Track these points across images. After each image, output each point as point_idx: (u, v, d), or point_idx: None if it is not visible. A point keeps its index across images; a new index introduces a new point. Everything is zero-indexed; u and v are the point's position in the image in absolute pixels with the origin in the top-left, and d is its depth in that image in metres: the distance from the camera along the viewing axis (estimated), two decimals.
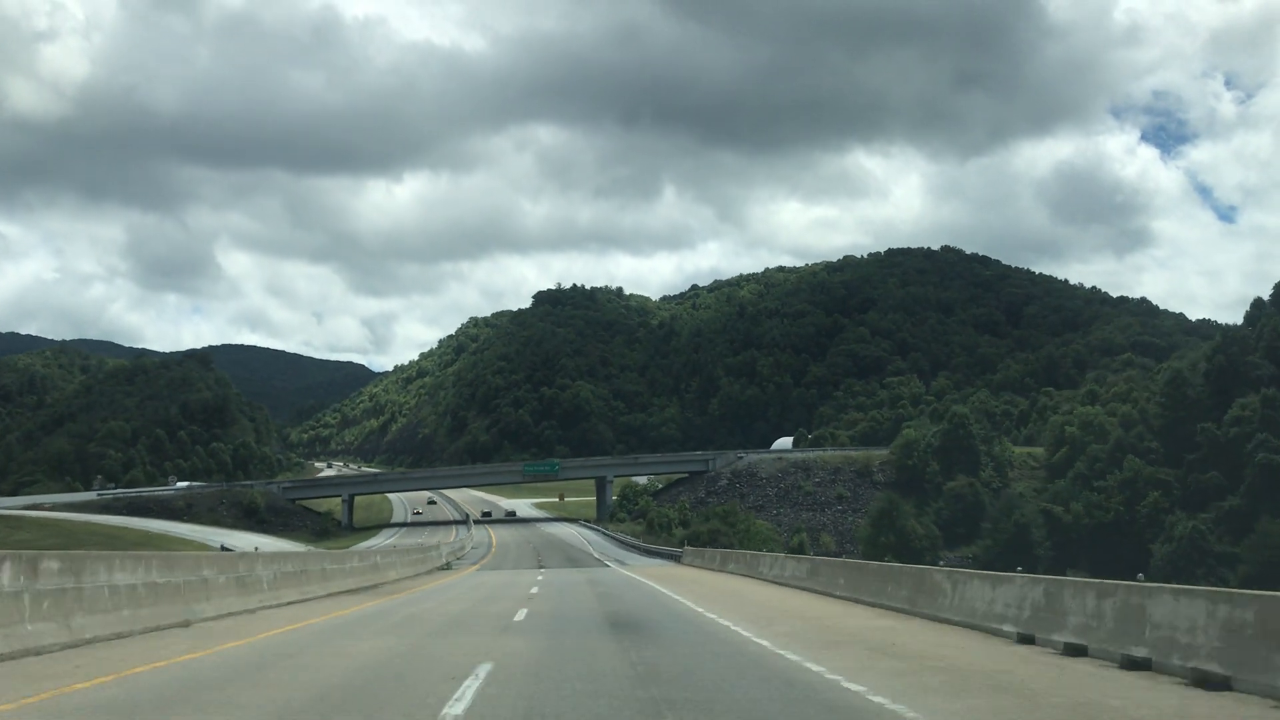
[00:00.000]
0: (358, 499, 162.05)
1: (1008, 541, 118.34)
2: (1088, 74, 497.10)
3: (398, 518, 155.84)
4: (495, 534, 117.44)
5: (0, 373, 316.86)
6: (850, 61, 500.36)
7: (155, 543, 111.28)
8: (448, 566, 57.06)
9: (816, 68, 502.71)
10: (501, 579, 44.97)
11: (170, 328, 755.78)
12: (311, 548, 79.29)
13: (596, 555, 78.50)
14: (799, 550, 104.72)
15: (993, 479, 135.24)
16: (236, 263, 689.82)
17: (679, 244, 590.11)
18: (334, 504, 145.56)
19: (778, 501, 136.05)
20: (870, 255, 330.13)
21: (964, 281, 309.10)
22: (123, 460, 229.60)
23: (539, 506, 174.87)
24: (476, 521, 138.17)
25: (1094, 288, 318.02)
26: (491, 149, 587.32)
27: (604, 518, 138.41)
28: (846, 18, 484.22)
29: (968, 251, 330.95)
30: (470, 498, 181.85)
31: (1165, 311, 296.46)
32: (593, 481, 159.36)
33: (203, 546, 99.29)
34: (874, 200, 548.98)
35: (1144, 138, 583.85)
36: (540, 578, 43.97)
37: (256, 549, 73.86)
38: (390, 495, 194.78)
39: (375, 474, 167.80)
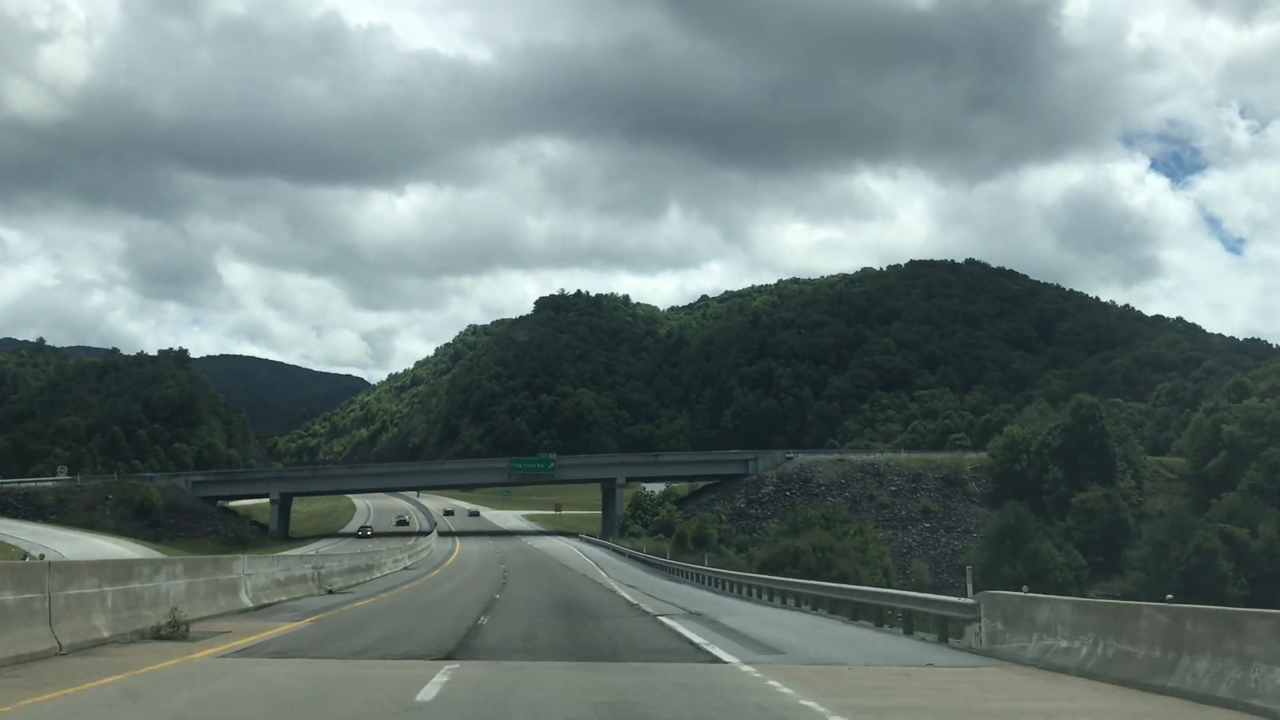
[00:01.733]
0: (316, 505, 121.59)
1: (1184, 575, 77.53)
2: (1100, 99, 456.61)
3: (353, 526, 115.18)
4: (463, 546, 76.87)
5: None
6: (861, 81, 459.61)
7: None
8: (166, 634, 15.88)
9: (826, 87, 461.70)
10: None
11: (170, 337, 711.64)
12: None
13: (628, 595, 34.43)
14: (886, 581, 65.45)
15: (1131, 491, 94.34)
16: (236, 273, 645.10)
17: (683, 263, 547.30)
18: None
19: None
20: (890, 268, 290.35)
21: (991, 296, 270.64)
22: (70, 458, 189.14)
23: (530, 519, 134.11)
24: (443, 533, 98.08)
25: (1126, 305, 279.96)
26: (496, 162, 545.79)
27: (612, 531, 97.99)
28: (858, 37, 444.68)
29: (993, 265, 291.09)
30: (453, 507, 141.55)
31: (1209, 332, 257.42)
32: (597, 488, 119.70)
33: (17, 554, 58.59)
34: (880, 223, 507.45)
35: (1154, 166, 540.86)
36: None
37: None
38: (358, 503, 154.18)
39: (313, 468, 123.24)
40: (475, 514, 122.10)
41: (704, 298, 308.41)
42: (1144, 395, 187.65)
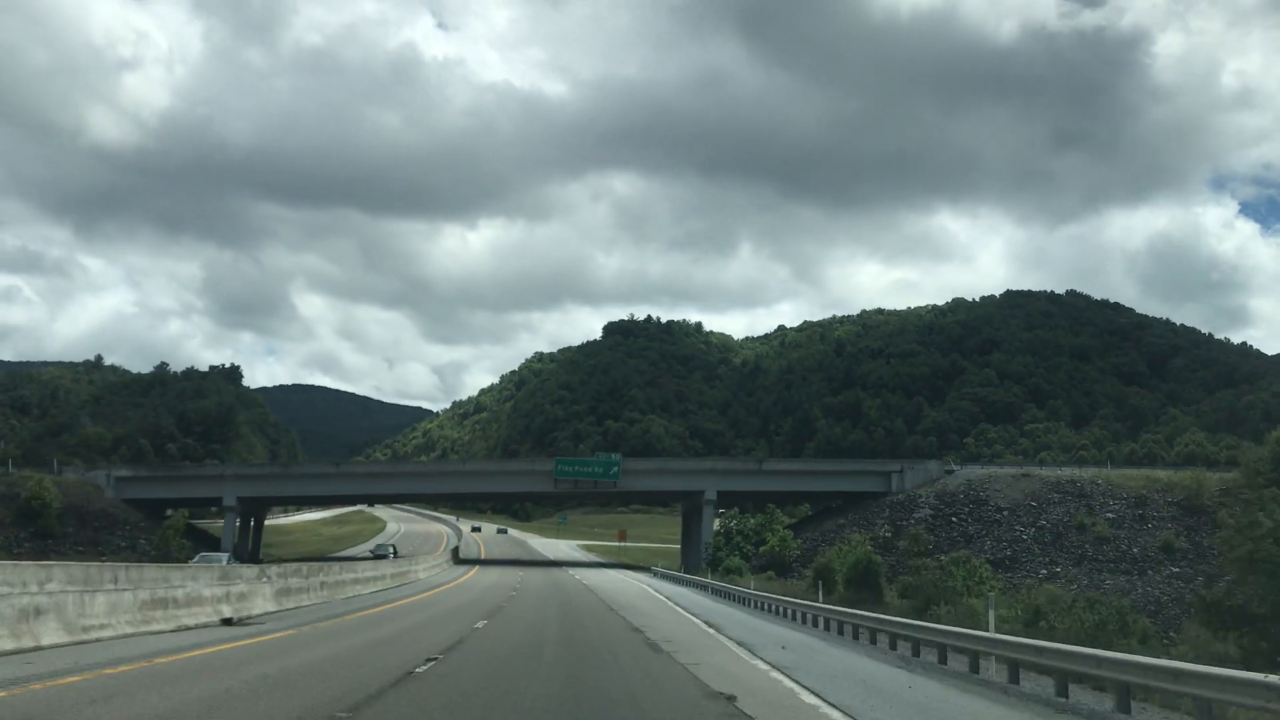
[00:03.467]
0: (347, 527, 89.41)
1: None
2: (1190, 140, 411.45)
3: (358, 552, 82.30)
4: (472, 578, 44.03)
5: (20, 383, 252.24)
6: (942, 117, 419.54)
7: None
8: None
9: (905, 123, 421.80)
10: None
11: (244, 367, 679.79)
12: None
13: None
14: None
15: None
16: (310, 304, 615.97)
17: (754, 301, 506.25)
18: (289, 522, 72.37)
19: (1042, 551, 60.66)
20: (983, 298, 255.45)
21: (1095, 329, 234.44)
22: (86, 470, 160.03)
23: (587, 549, 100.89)
24: (463, 560, 65.69)
25: (1244, 343, 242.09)
26: (568, 196, 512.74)
27: (698, 564, 64.43)
28: (940, 71, 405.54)
29: (1096, 297, 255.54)
30: (479, 524, 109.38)
31: None
32: (675, 515, 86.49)
33: None
34: (957, 265, 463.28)
35: (1244, 211, 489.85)
36: None
37: None
38: (390, 525, 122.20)
39: (285, 465, 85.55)
40: (503, 531, 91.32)
41: (781, 328, 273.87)
42: None
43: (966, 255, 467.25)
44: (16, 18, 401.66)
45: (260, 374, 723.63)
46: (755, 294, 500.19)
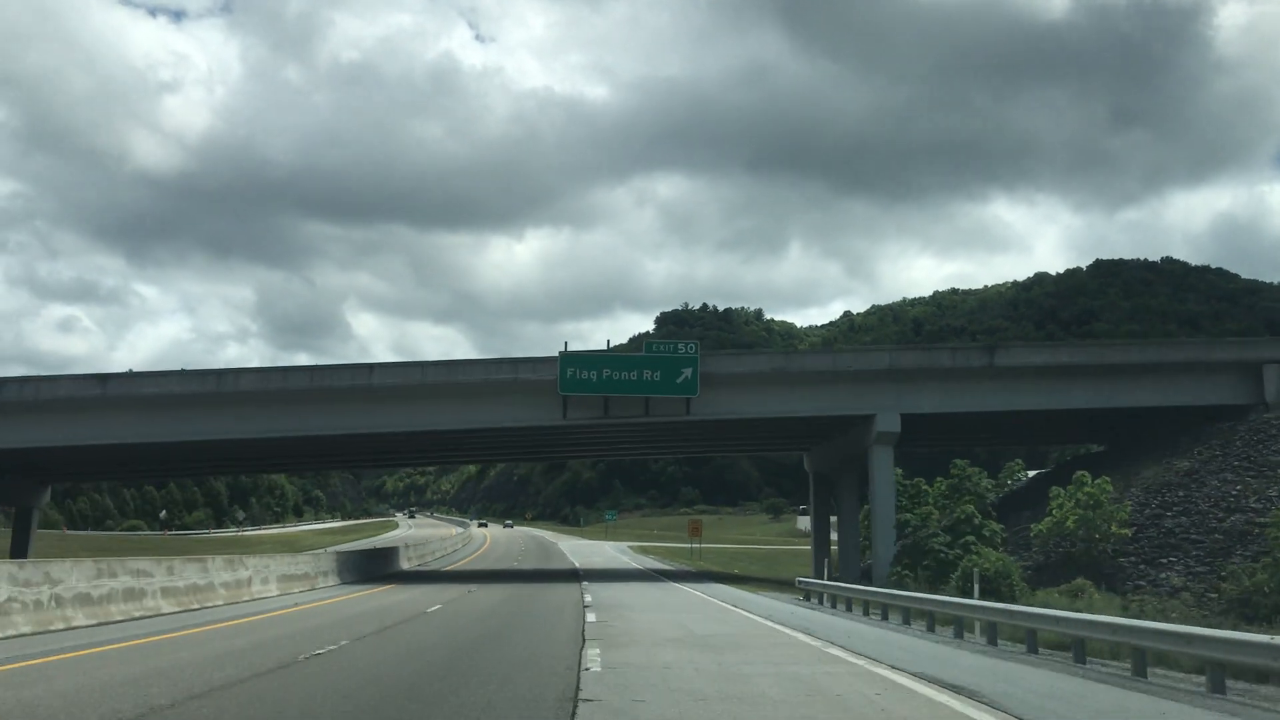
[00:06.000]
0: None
1: None
2: (1256, 114, 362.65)
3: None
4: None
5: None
6: (994, 101, 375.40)
7: None
8: None
9: (957, 108, 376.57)
10: None
11: None
12: None
13: None
14: None
15: None
16: (364, 323, 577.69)
17: (807, 301, 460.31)
18: None
19: None
20: (1068, 270, 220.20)
21: (1200, 295, 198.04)
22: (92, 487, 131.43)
23: (642, 550, 67.19)
24: (387, 575, 31.71)
25: None
26: (614, 201, 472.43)
27: (857, 565, 29.47)
28: (991, 52, 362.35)
29: (1193, 264, 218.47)
30: (496, 533, 76.27)
31: None
32: (748, 513, 57.71)
33: None
34: (1014, 256, 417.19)
35: None
36: None
37: None
38: (401, 529, 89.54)
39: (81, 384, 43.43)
40: (510, 526, 66.01)
41: (847, 314, 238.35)
42: None
43: (1024, 245, 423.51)
44: (56, 43, 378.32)
45: None
46: (808, 293, 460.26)
